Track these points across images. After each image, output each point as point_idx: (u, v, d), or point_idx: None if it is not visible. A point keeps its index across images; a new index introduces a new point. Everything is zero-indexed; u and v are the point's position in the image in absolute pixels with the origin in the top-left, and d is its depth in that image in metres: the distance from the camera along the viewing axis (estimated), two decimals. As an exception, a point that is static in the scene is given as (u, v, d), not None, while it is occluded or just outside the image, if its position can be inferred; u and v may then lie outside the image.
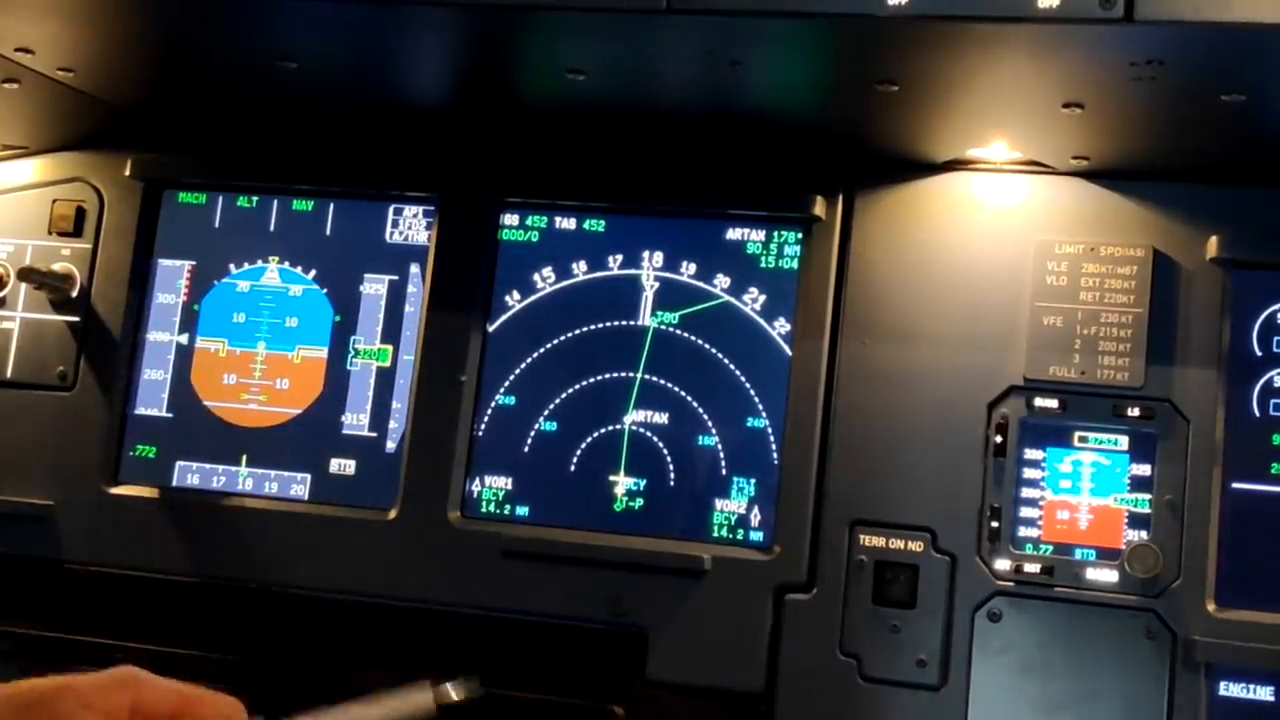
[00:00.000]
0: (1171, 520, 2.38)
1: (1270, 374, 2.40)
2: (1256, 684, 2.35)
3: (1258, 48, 1.86)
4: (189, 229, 2.84)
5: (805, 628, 2.46)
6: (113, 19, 2.27)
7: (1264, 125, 2.19)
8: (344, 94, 2.55)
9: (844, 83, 2.24)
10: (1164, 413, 2.40)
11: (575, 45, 2.18)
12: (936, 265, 2.51)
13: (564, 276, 2.68)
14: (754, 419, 2.57)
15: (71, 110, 2.70)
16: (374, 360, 2.74)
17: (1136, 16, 1.79)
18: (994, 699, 2.40)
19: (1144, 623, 2.36)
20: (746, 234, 2.62)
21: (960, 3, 1.85)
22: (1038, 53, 1.98)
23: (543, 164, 2.67)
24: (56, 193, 2.86)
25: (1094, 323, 2.43)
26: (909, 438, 2.48)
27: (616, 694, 2.50)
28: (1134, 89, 2.06)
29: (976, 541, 2.43)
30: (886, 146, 2.48)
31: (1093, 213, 2.47)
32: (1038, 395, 2.44)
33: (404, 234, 2.75)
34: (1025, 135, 2.38)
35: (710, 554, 2.50)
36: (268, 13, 2.17)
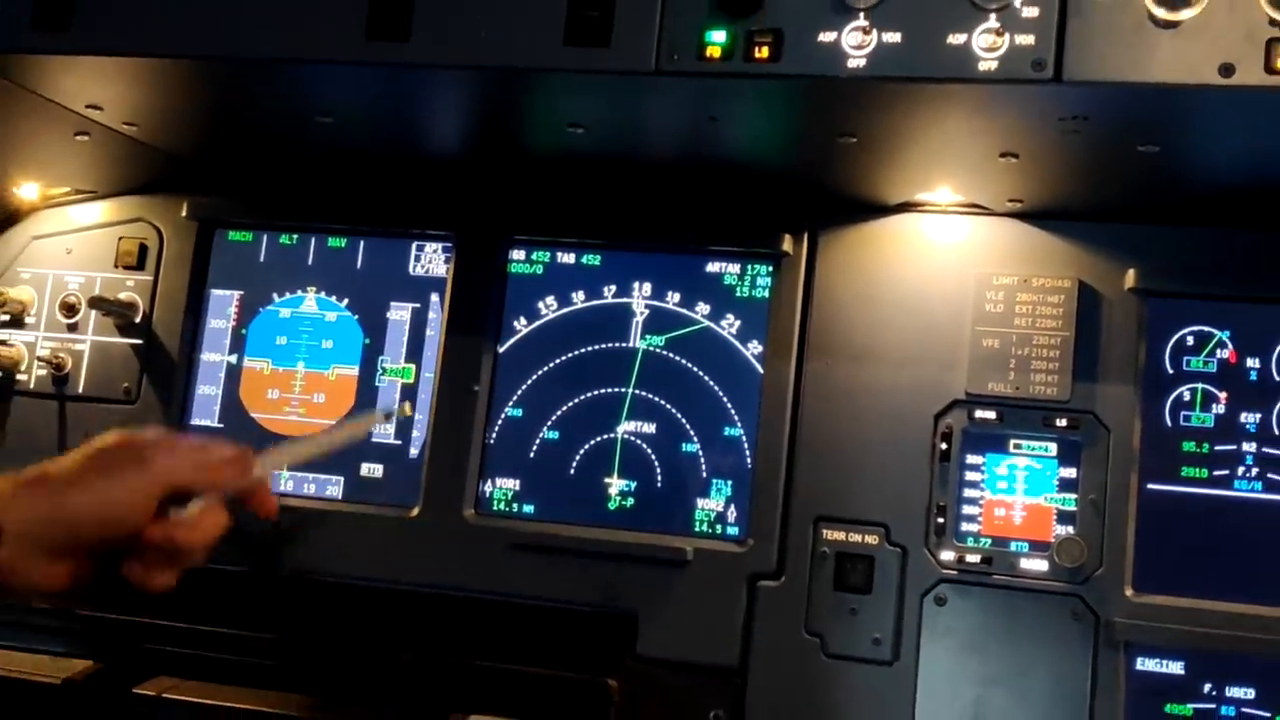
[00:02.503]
0: (1094, 517, 2.37)
1: (1180, 389, 2.39)
2: (1168, 659, 2.34)
3: (1169, 105, 1.86)
4: (238, 263, 2.82)
5: (775, 611, 2.45)
6: (171, 81, 2.26)
7: (1174, 172, 2.19)
8: (373, 145, 2.54)
9: (809, 135, 2.23)
10: (1088, 423, 2.39)
11: (575, 103, 2.17)
12: (889, 294, 2.50)
13: (565, 304, 2.67)
14: (730, 428, 2.56)
15: (135, 159, 2.68)
16: (399, 377, 2.72)
17: (1064, 78, 1.80)
18: (940, 673, 2.39)
19: (1070, 606, 2.35)
20: (724, 267, 2.60)
21: (910, 65, 1.84)
22: (978, 109, 1.97)
23: (546, 206, 2.66)
24: (121, 231, 2.84)
25: (1027, 344, 2.41)
26: (866, 444, 2.46)
27: (610, 669, 2.47)
28: (1062, 141, 2.06)
29: (924, 535, 2.42)
30: (846, 191, 2.47)
31: (1025, 249, 2.46)
32: (978, 408, 2.43)
33: (425, 267, 2.74)
34: (967, 181, 2.37)
35: (692, 546, 2.48)
36: (307, 76, 2.17)
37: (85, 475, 1.72)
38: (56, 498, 1.69)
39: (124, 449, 1.76)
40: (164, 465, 1.75)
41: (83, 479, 1.72)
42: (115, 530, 1.72)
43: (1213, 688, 2.32)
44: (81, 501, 1.69)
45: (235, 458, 1.86)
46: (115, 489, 1.71)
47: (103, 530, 1.71)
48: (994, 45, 1.81)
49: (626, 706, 2.46)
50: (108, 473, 1.72)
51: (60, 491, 1.70)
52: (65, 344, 2.83)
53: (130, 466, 1.73)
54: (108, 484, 1.71)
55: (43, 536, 1.67)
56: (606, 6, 1.93)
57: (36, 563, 1.68)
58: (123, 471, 1.73)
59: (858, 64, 1.86)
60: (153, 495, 1.73)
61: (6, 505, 1.66)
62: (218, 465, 1.82)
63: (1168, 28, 1.76)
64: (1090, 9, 1.79)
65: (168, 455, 1.76)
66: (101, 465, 1.74)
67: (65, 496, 1.69)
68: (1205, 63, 1.75)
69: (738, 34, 1.89)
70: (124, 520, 1.72)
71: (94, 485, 1.71)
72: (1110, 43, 1.78)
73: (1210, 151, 2.10)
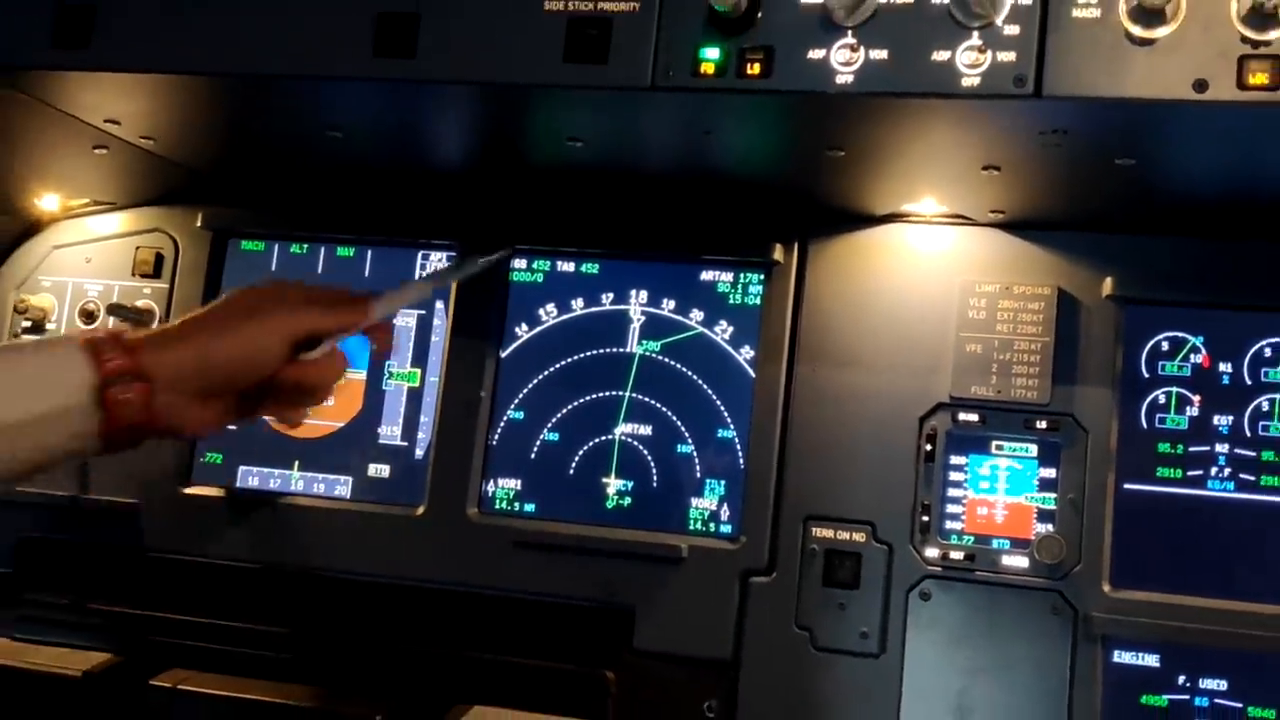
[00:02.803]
0: (1073, 515, 2.37)
1: (1156, 393, 2.39)
2: (1144, 652, 2.34)
3: (1145, 120, 1.86)
4: (250, 272, 2.81)
5: (766, 605, 2.45)
6: (187, 97, 2.26)
7: (1150, 184, 2.19)
8: (380, 158, 2.54)
9: (799, 149, 2.23)
10: (1067, 425, 2.39)
11: (574, 117, 2.17)
12: (877, 302, 2.50)
13: (564, 311, 2.66)
14: (723, 430, 2.56)
15: (151, 172, 2.68)
16: (405, 382, 2.72)
17: (1044, 93, 1.79)
18: (925, 665, 2.38)
19: (1050, 601, 2.35)
20: (717, 275, 2.60)
21: (896, 81, 1.84)
22: (961, 124, 1.97)
23: (547, 217, 2.66)
24: (139, 241, 2.84)
25: (1008, 350, 2.41)
26: (853, 446, 2.46)
27: (608, 661, 2.47)
28: (1042, 154, 2.06)
29: (910, 533, 2.42)
30: (835, 202, 2.47)
31: (1007, 257, 2.46)
32: (961, 411, 2.43)
33: (430, 275, 2.73)
34: (951, 193, 2.36)
35: (687, 544, 2.48)
36: (317, 92, 2.16)
37: (225, 324, 1.84)
38: (200, 347, 1.80)
39: (257, 299, 1.88)
40: (294, 312, 1.87)
41: (223, 328, 1.83)
42: (255, 372, 1.84)
43: (1187, 679, 2.32)
44: (223, 348, 1.81)
45: (356, 302, 1.97)
46: (253, 335, 1.83)
47: (244, 373, 1.84)
48: (976, 62, 1.81)
49: (624, 698, 2.46)
50: (245, 321, 1.84)
51: (203, 341, 1.81)
52: (84, 349, 2.81)
53: (264, 314, 1.85)
54: (246, 331, 1.83)
55: (191, 382, 1.79)
56: (604, 25, 1.93)
57: (189, 406, 1.80)
58: (258, 319, 1.84)
59: (846, 80, 1.85)
60: (285, 339, 1.85)
61: (156, 357, 1.76)
62: (341, 310, 1.94)
63: (1144, 45, 1.76)
64: (1069, 27, 1.79)
65: (296, 303, 1.88)
66: (239, 315, 1.85)
67: (209, 345, 1.81)
68: (1180, 79, 1.75)
69: (731, 51, 1.89)
70: (262, 363, 1.84)
71: (234, 333, 1.83)
72: (1088, 59, 1.78)
73: (1185, 164, 2.09)
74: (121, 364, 1.72)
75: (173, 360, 1.77)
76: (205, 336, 1.82)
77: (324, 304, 1.92)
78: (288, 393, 1.90)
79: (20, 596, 2.71)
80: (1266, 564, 2.31)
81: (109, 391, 1.71)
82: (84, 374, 1.71)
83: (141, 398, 1.73)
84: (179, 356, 1.78)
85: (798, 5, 1.88)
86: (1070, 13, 1.79)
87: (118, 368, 1.72)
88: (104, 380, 1.71)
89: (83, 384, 1.70)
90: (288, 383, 1.88)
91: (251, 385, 1.86)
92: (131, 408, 1.72)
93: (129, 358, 1.73)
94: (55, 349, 1.75)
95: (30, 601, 2.67)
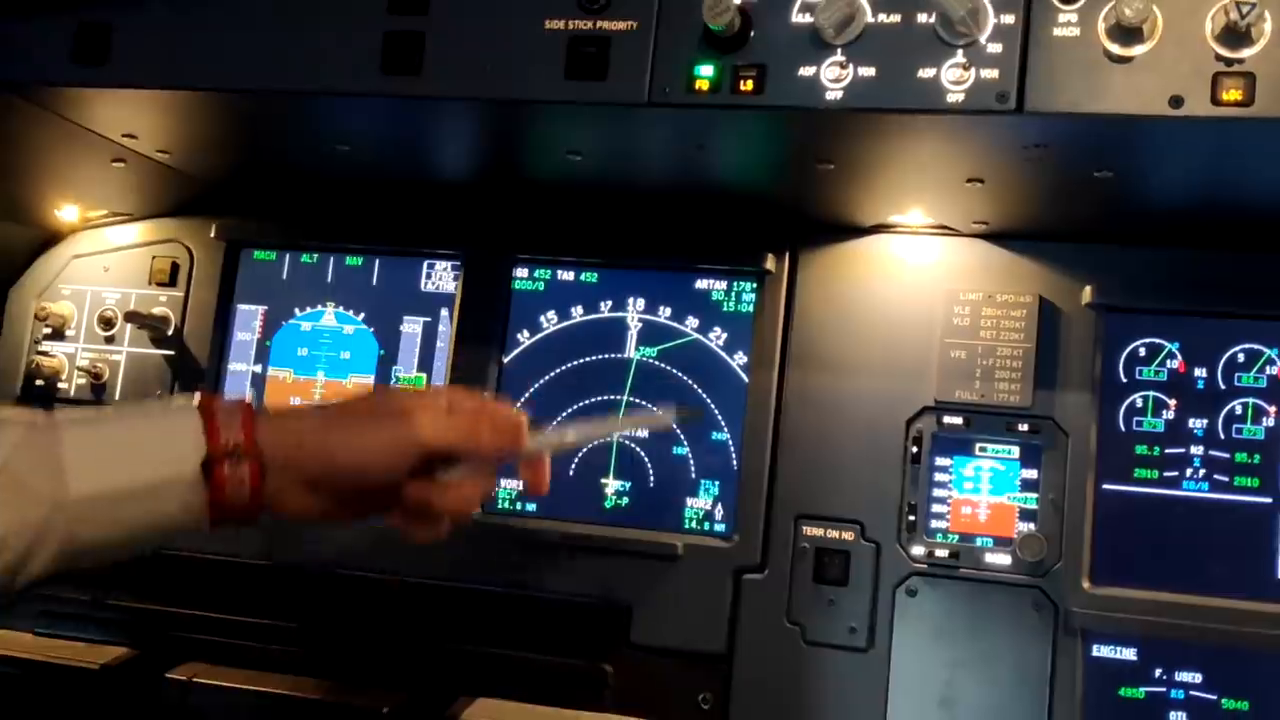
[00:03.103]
0: (1054, 514, 2.36)
1: (1133, 397, 2.39)
2: (1122, 646, 2.34)
3: (1123, 134, 1.85)
4: (262, 280, 2.81)
5: (759, 601, 2.44)
6: (201, 112, 2.25)
7: (1128, 196, 2.18)
8: (387, 171, 2.53)
9: (790, 162, 2.22)
10: (1048, 428, 2.38)
11: (574, 132, 2.16)
12: (865, 309, 2.50)
13: (565, 318, 2.66)
14: (718, 433, 2.55)
15: (167, 184, 2.67)
16: (411, 386, 2.71)
17: (1026, 109, 1.79)
18: (911, 659, 2.38)
19: (1032, 597, 2.35)
20: (711, 284, 2.60)
21: (883, 97, 1.84)
22: (946, 138, 1.96)
23: (548, 228, 2.65)
24: (155, 251, 2.83)
25: (991, 356, 2.41)
26: (842, 447, 2.46)
27: (606, 655, 2.46)
28: (1024, 167, 2.05)
29: (897, 531, 2.41)
30: (824, 214, 2.46)
31: (990, 267, 2.46)
32: (946, 414, 2.42)
33: (435, 284, 2.73)
34: (936, 204, 2.36)
35: (682, 542, 2.48)
36: (327, 107, 2.15)
37: (353, 421, 1.69)
38: (321, 438, 1.66)
39: (398, 404, 1.71)
40: (425, 428, 1.68)
41: (350, 424, 1.69)
42: (368, 479, 1.68)
43: (1163, 673, 2.32)
44: (339, 445, 1.66)
45: (508, 428, 1.79)
46: (373, 440, 1.67)
47: (356, 476, 1.67)
48: (961, 79, 1.81)
49: (622, 690, 2.45)
50: (373, 424, 1.68)
51: (325, 433, 1.67)
52: (103, 355, 2.82)
53: (392, 422, 1.68)
54: (370, 434, 1.67)
55: (300, 470, 1.64)
56: (603, 43, 1.93)
57: (300, 494, 1.65)
58: (384, 425, 1.68)
59: (835, 96, 1.85)
60: (409, 454, 1.68)
61: (273, 437, 1.63)
62: (486, 434, 1.75)
63: (1122, 62, 1.76)
64: (1050, 45, 1.79)
65: (433, 417, 1.69)
66: (370, 415, 1.70)
67: (329, 438, 1.66)
68: (1156, 95, 1.74)
69: (724, 68, 1.89)
70: (377, 471, 1.68)
71: (358, 433, 1.67)
72: (1068, 76, 1.78)
73: (1161, 177, 2.09)
74: (235, 439, 1.59)
75: (291, 444, 1.64)
76: (329, 428, 1.68)
77: (465, 424, 1.73)
78: (414, 508, 1.73)
79: (42, 593, 2.70)
80: (1240, 561, 2.31)
81: (219, 467, 1.58)
82: (195, 443, 1.58)
83: (253, 478, 1.60)
84: (298, 441, 1.65)
85: (789, 24, 1.88)
86: (1051, 31, 1.79)
87: (231, 442, 1.59)
88: (213, 454, 1.58)
89: (193, 454, 1.58)
90: (413, 499, 1.72)
91: (369, 489, 1.70)
92: (241, 488, 1.59)
93: (244, 432, 1.60)
94: (168, 414, 1.64)
95: (52, 598, 2.66)
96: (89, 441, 1.57)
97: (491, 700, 2.42)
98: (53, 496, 1.51)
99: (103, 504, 1.54)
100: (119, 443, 1.58)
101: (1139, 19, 1.73)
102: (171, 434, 1.60)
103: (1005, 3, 1.81)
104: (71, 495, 1.52)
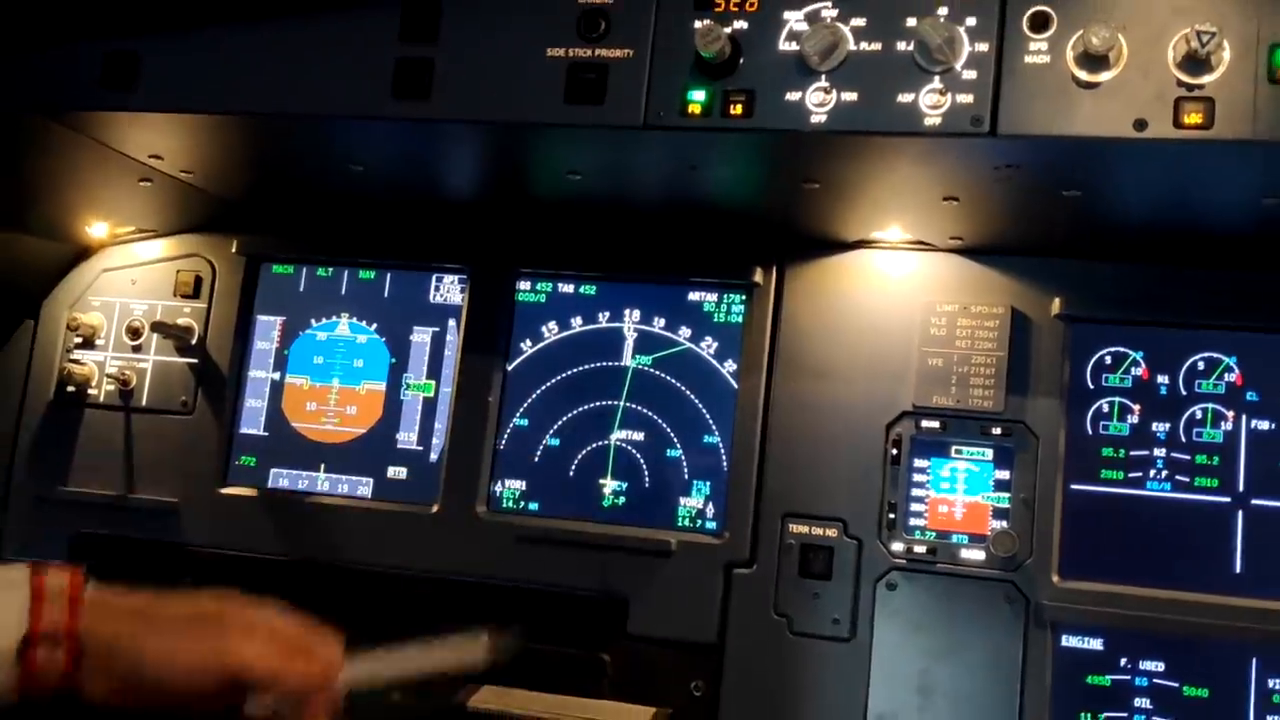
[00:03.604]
0: (1025, 513, 2.35)
1: (1100, 402, 2.38)
2: (1090, 636, 2.33)
3: (1090, 156, 1.85)
4: (280, 292, 2.80)
5: (748, 594, 2.43)
6: (224, 134, 2.24)
7: (1095, 214, 2.18)
8: (398, 190, 2.52)
9: (777, 181, 2.21)
10: (1019, 432, 2.38)
11: (573, 153, 2.16)
12: (847, 320, 2.49)
13: (565, 328, 2.65)
14: (709, 437, 2.54)
15: (191, 202, 2.66)
16: (421, 392, 2.70)
17: (999, 132, 1.79)
18: (891, 648, 2.37)
19: (1004, 591, 2.34)
20: (703, 296, 2.59)
21: (865, 120, 1.84)
22: (924, 159, 1.96)
23: (549, 243, 2.64)
24: (180, 265, 2.82)
25: (966, 363, 2.40)
26: (826, 450, 2.45)
27: (604, 645, 2.45)
28: (996, 186, 2.05)
29: (878, 529, 2.40)
30: (810, 230, 2.45)
31: (965, 280, 2.45)
32: (924, 418, 2.42)
33: (444, 296, 2.72)
34: (914, 221, 2.35)
35: (676, 539, 2.47)
36: (341, 130, 2.15)
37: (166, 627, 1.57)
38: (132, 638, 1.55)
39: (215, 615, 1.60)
40: (237, 651, 1.57)
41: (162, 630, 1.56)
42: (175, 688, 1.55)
43: (1128, 661, 2.31)
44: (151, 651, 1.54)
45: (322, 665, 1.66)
46: (183, 655, 1.55)
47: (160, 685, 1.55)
48: (938, 103, 1.81)
49: (618, 677, 2.44)
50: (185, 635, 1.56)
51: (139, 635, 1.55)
52: (130, 363, 2.80)
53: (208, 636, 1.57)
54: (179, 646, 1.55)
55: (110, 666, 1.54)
56: (601, 70, 1.92)
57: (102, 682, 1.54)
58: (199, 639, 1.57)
59: (820, 119, 1.85)
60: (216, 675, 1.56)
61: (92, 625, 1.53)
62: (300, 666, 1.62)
63: (1089, 88, 1.76)
64: (1021, 72, 1.79)
65: (248, 641, 1.58)
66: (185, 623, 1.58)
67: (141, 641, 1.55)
68: (1121, 118, 1.74)
69: (716, 93, 1.88)
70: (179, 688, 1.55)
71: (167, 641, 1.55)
72: (1039, 101, 1.78)
73: (1126, 196, 2.09)
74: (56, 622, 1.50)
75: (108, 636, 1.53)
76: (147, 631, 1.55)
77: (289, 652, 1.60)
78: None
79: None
80: (1200, 557, 2.31)
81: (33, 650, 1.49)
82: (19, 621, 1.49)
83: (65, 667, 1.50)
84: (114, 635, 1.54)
85: (776, 52, 1.87)
86: (1022, 59, 1.79)
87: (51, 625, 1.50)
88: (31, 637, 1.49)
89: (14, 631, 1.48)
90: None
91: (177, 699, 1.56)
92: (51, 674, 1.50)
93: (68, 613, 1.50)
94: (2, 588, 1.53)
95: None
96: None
97: (496, 687, 2.40)
98: None
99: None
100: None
101: (1105, 47, 1.73)
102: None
103: (979, 31, 1.81)
104: None
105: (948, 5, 1.82)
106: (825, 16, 1.86)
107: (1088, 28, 1.73)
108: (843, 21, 1.85)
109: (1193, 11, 1.73)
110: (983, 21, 1.81)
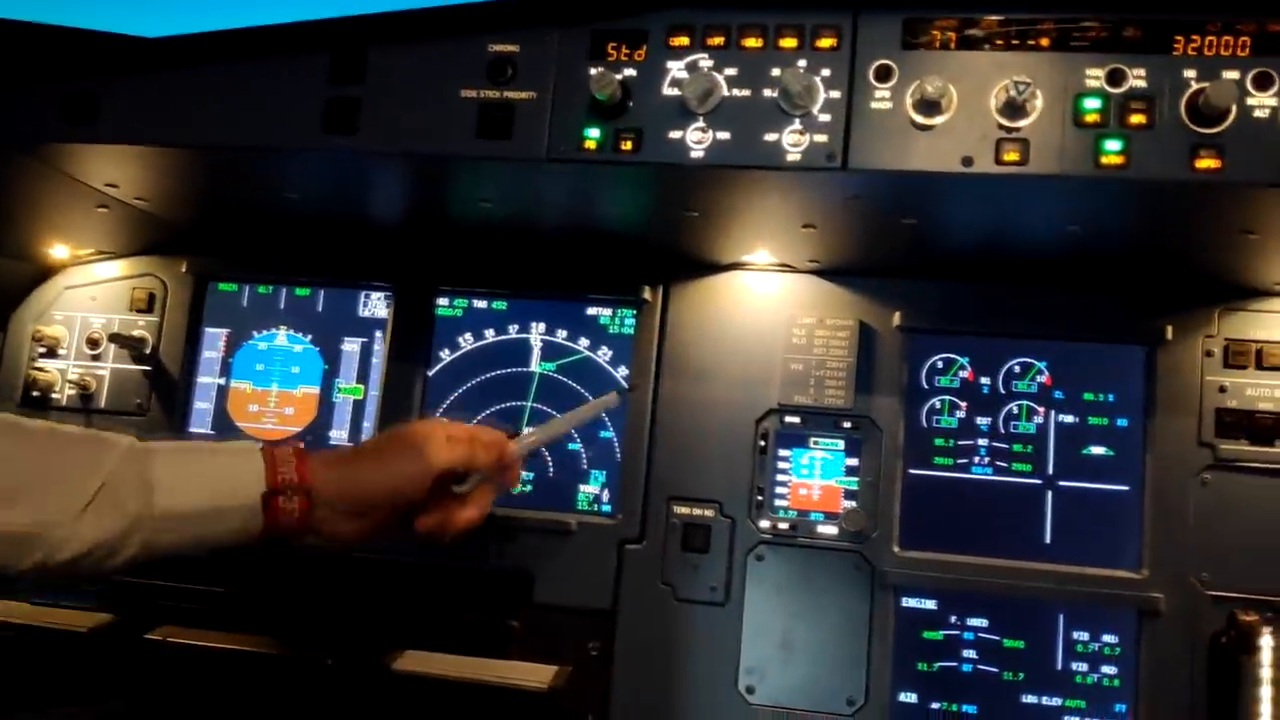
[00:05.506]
0: (871, 493, 2.36)
1: (933, 400, 2.40)
2: (925, 598, 2.34)
3: (925, 188, 1.85)
4: (225, 307, 2.70)
5: (638, 567, 2.40)
6: (175, 165, 2.15)
7: (929, 239, 2.18)
8: (329, 215, 2.44)
9: (661, 210, 2.18)
10: (866, 425, 2.38)
11: (484, 183, 2.10)
12: (723, 331, 2.47)
13: (479, 339, 2.59)
14: (605, 432, 2.50)
15: (145, 227, 2.55)
16: (351, 395, 2.62)
17: (850, 167, 1.79)
18: (760, 611, 2.35)
19: (854, 560, 2.34)
20: (600, 311, 2.55)
21: (736, 156, 1.82)
22: (786, 191, 1.94)
23: (465, 264, 2.58)
24: (134, 283, 2.71)
25: (822, 368, 2.39)
26: (705, 443, 2.43)
27: (513, 613, 2.40)
28: (846, 215, 2.04)
29: (748, 509, 2.39)
30: (691, 253, 2.43)
31: (821, 297, 2.45)
32: (787, 414, 2.40)
33: (371, 311, 2.64)
34: (778, 246, 2.34)
35: (576, 520, 2.43)
36: (276, 162, 2.08)
37: (380, 455, 1.75)
38: (353, 473, 1.71)
39: (411, 436, 1.77)
40: (438, 453, 1.76)
41: (378, 458, 1.74)
42: (399, 500, 1.76)
43: (957, 619, 2.32)
44: (372, 478, 1.72)
45: (495, 444, 1.86)
46: (398, 470, 1.74)
47: (389, 500, 1.74)
48: (798, 142, 1.79)
49: (525, 641, 2.39)
50: (397, 455, 1.74)
51: (361, 467, 1.73)
52: (90, 370, 2.68)
53: (411, 453, 1.75)
54: (396, 464, 1.74)
55: (343, 501, 1.69)
56: (508, 109, 1.88)
57: (341, 521, 1.71)
58: (405, 456, 1.74)
59: (698, 155, 1.83)
60: (428, 476, 1.75)
61: (320, 475, 1.67)
62: (481, 451, 1.83)
63: (925, 130, 1.76)
64: (868, 115, 1.78)
65: (438, 446, 1.76)
66: (394, 448, 1.76)
67: (364, 472, 1.72)
68: (951, 156, 1.75)
69: (609, 131, 1.85)
70: (405, 494, 1.75)
71: (386, 464, 1.73)
72: (883, 140, 1.77)
73: (955, 223, 2.09)
74: (290, 477, 1.64)
75: (334, 479, 1.69)
76: (363, 464, 1.74)
77: (466, 449, 1.80)
78: (438, 518, 1.82)
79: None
80: (1017, 530, 2.33)
81: (276, 499, 1.63)
82: (258, 478, 1.63)
83: (302, 509, 1.65)
84: (340, 476, 1.70)
85: (661, 95, 1.85)
86: (870, 105, 1.78)
87: (286, 479, 1.64)
88: (273, 488, 1.63)
89: (256, 488, 1.62)
90: (437, 510, 1.81)
91: (402, 509, 1.78)
92: (291, 516, 1.65)
93: (298, 472, 1.65)
94: (237, 453, 1.67)
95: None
96: (174, 468, 1.60)
97: (418, 651, 2.34)
98: (141, 510, 1.55)
99: (180, 519, 1.58)
100: (198, 472, 1.61)
101: (938, 95, 1.73)
102: (239, 470, 1.64)
103: (833, 81, 1.80)
104: (156, 511, 1.56)
105: (806, 58, 1.81)
106: (703, 66, 1.84)
107: (924, 79, 1.74)
108: (718, 70, 1.83)
109: (1012, 66, 1.74)
110: (836, 72, 1.80)
